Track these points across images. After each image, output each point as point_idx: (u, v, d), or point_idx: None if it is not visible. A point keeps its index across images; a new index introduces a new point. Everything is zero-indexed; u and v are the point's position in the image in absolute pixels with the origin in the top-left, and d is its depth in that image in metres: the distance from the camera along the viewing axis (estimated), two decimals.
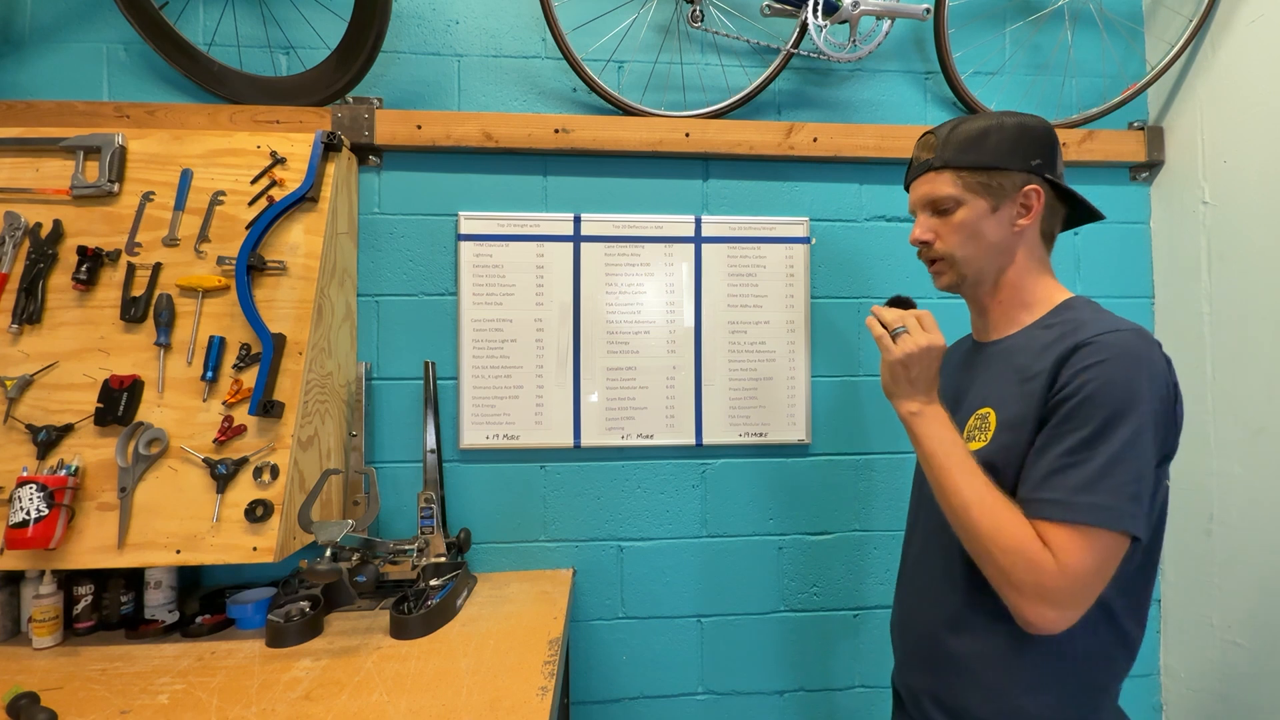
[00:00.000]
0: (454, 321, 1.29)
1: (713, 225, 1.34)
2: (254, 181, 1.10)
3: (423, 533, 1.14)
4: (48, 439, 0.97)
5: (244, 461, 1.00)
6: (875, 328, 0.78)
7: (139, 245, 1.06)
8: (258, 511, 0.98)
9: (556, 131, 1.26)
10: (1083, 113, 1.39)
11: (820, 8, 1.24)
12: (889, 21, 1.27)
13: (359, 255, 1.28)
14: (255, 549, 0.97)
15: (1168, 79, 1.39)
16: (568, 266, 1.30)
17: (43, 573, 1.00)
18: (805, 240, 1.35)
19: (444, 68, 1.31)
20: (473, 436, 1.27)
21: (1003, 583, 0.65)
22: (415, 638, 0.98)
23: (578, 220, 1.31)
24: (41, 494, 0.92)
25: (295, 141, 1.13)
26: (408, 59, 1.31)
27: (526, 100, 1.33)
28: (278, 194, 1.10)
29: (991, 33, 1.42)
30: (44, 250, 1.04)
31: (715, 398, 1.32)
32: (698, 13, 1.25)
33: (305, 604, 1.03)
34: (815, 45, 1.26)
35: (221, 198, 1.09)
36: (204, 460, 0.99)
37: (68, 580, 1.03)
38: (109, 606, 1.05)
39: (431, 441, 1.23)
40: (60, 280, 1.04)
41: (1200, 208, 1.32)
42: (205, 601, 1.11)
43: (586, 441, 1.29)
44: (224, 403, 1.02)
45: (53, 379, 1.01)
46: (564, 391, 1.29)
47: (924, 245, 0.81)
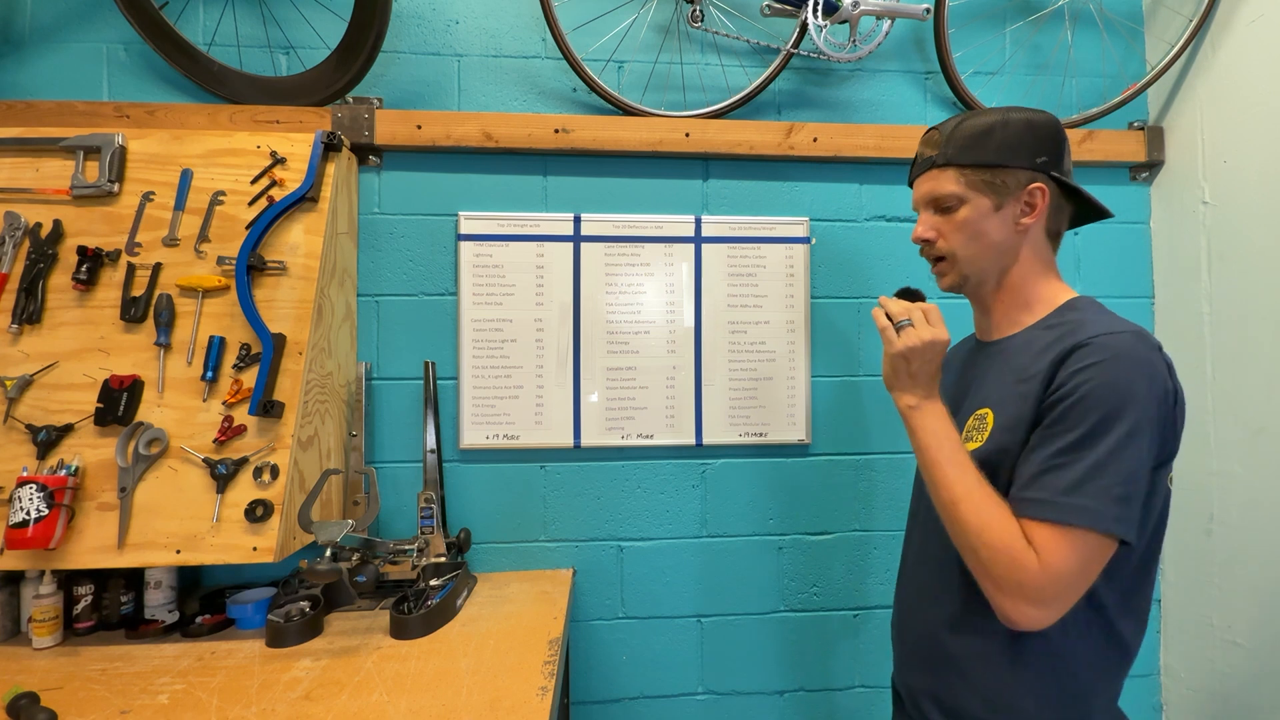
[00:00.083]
0: (454, 321, 1.29)
1: (713, 225, 1.34)
2: (254, 181, 1.10)
3: (423, 533, 1.14)
4: (48, 439, 0.98)
5: (244, 461, 1.00)
6: (880, 319, 0.78)
7: (139, 245, 1.06)
8: (258, 511, 0.98)
9: (556, 131, 1.26)
10: (1083, 113, 1.39)
11: (820, 8, 1.24)
12: (889, 21, 1.27)
13: (359, 255, 1.28)
14: (255, 549, 0.97)
15: (1168, 79, 1.39)
16: (568, 266, 1.30)
17: (43, 573, 1.00)
18: (805, 240, 1.35)
19: (444, 68, 1.31)
20: (473, 436, 1.27)
21: (985, 578, 0.66)
22: (415, 638, 0.98)
23: (578, 220, 1.31)
24: (41, 494, 0.92)
25: (295, 141, 1.13)
26: (408, 59, 1.31)
27: (526, 100, 1.33)
28: (278, 194, 1.10)
29: (991, 33, 1.42)
30: (44, 250, 1.04)
31: (715, 398, 1.32)
32: (698, 13, 1.25)
33: (305, 604, 1.03)
34: (815, 45, 1.26)
35: (221, 198, 1.09)
36: (204, 460, 0.99)
37: (68, 580, 1.03)
38: (109, 606, 1.05)
39: (431, 441, 1.23)
40: (60, 280, 1.04)
41: (1200, 208, 1.32)
42: (205, 601, 1.11)
43: (586, 441, 1.29)
44: (224, 403, 1.02)
45: (53, 379, 1.01)
46: (564, 391, 1.29)
47: (926, 243, 0.80)
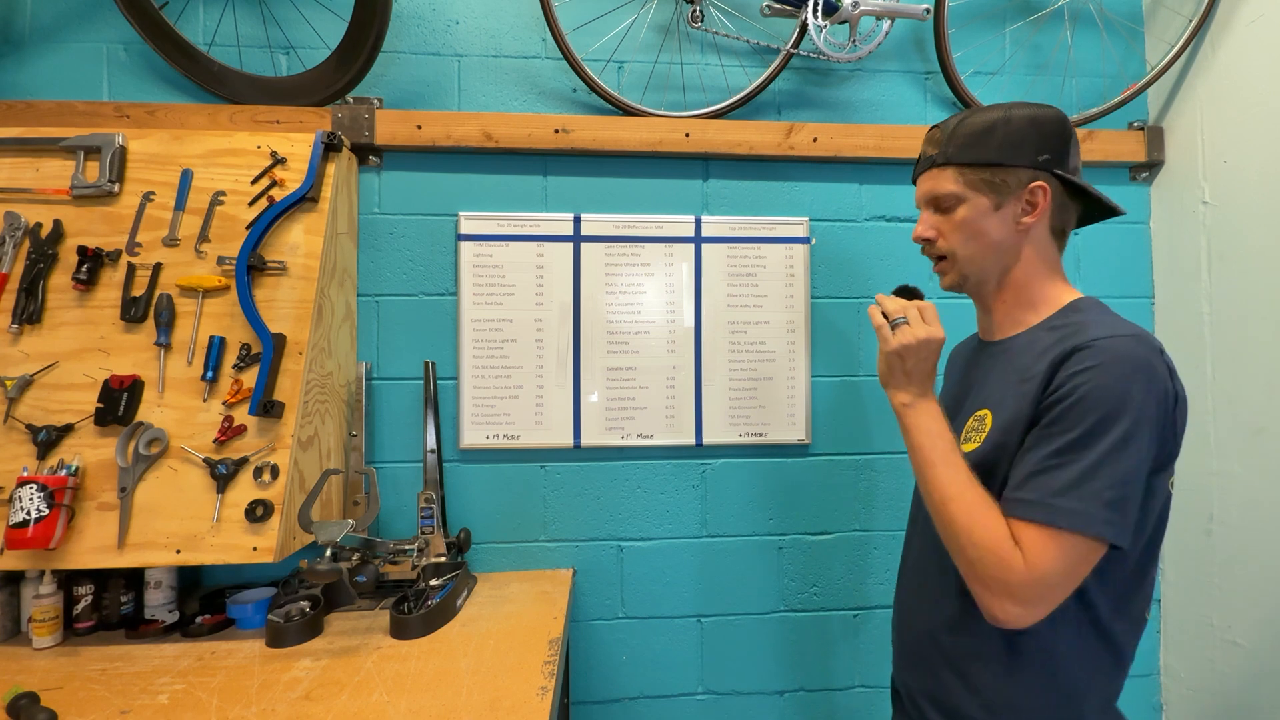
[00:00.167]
0: (454, 321, 1.29)
1: (713, 225, 1.34)
2: (254, 181, 1.10)
3: (423, 533, 1.14)
4: (48, 439, 0.97)
5: (244, 461, 1.00)
6: (876, 317, 0.79)
7: (139, 245, 1.06)
8: (258, 511, 0.98)
9: (556, 131, 1.26)
10: (1083, 113, 1.39)
11: (820, 8, 1.24)
12: (889, 21, 1.27)
13: (359, 255, 1.28)
14: (255, 549, 0.97)
15: (1168, 79, 1.39)
16: (568, 266, 1.30)
17: (43, 573, 1.00)
18: (805, 240, 1.35)
19: (444, 68, 1.31)
20: (473, 436, 1.27)
21: (971, 576, 0.66)
22: (415, 638, 0.98)
23: (578, 220, 1.31)
24: (42, 494, 0.92)
25: (295, 141, 1.13)
26: (408, 59, 1.31)
27: (526, 100, 1.33)
28: (278, 194, 1.10)
29: (991, 33, 1.42)
30: (44, 250, 1.04)
31: (715, 398, 1.32)
32: (698, 13, 1.25)
33: (305, 604, 1.03)
34: (815, 45, 1.26)
35: (222, 198, 1.09)
36: (204, 460, 0.99)
37: (68, 580, 1.03)
38: (109, 606, 1.05)
39: (431, 441, 1.23)
40: (60, 280, 1.04)
41: (1200, 208, 1.32)
42: (205, 601, 1.11)
43: (586, 441, 1.29)
44: (224, 403, 1.02)
45: (53, 379, 1.01)
46: (564, 391, 1.29)
47: (926, 243, 0.80)
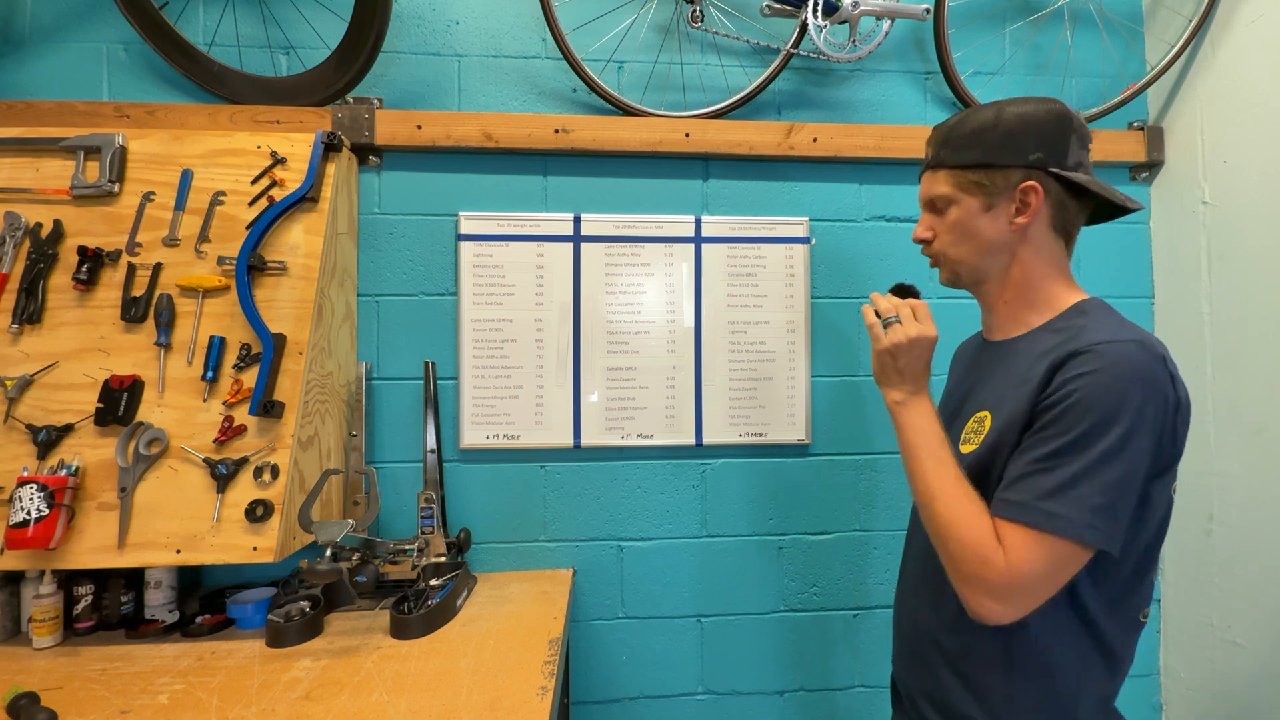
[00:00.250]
0: (454, 321, 1.29)
1: (713, 225, 1.34)
2: (254, 181, 1.10)
3: (423, 533, 1.14)
4: (48, 439, 0.97)
5: (244, 461, 1.00)
6: (868, 315, 0.80)
7: (139, 245, 1.06)
8: (258, 511, 0.98)
9: (556, 131, 1.26)
10: (1083, 113, 1.39)
11: (820, 8, 1.24)
12: (889, 22, 1.27)
13: (359, 255, 1.28)
14: (255, 549, 0.97)
15: (1168, 79, 1.39)
16: (568, 266, 1.30)
17: (43, 573, 1.00)
18: (805, 240, 1.35)
19: (444, 68, 1.31)
20: (473, 436, 1.27)
21: (952, 570, 0.67)
22: (415, 638, 0.98)
23: (578, 220, 1.31)
24: (42, 494, 0.92)
25: (295, 141, 1.13)
26: (408, 59, 1.31)
27: (526, 100, 1.33)
28: (278, 194, 1.10)
29: (991, 33, 1.42)
30: (44, 250, 1.04)
31: (715, 398, 1.32)
32: (698, 13, 1.25)
33: (305, 604, 1.03)
34: (815, 45, 1.26)
35: (222, 198, 1.09)
36: (204, 460, 0.99)
37: (68, 580, 1.03)
38: (109, 606, 1.05)
39: (431, 441, 1.23)
40: (60, 280, 1.04)
41: (1200, 208, 1.32)
42: (205, 601, 1.11)
43: (586, 441, 1.29)
44: (224, 403, 1.02)
45: (53, 379, 1.01)
46: (564, 391, 1.29)
47: (925, 243, 0.81)
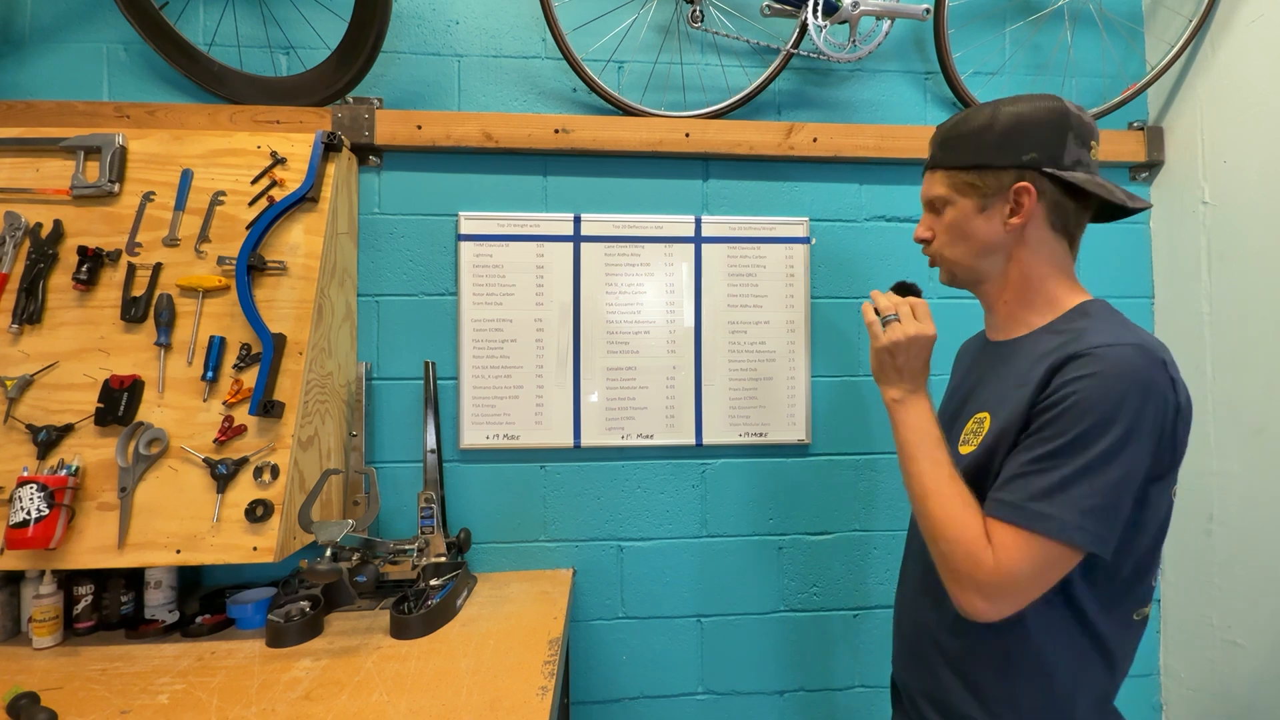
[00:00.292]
0: (454, 321, 1.29)
1: (713, 225, 1.34)
2: (254, 181, 1.10)
3: (423, 533, 1.14)
4: (48, 439, 0.97)
5: (244, 461, 1.00)
6: (867, 313, 0.81)
7: (139, 245, 1.06)
8: (258, 511, 0.98)
9: (556, 131, 1.26)
10: None
11: (820, 8, 1.24)
12: (889, 22, 1.27)
13: (359, 255, 1.28)
14: (255, 549, 0.97)
15: (1168, 79, 1.39)
16: (568, 266, 1.30)
17: (43, 573, 1.00)
18: (805, 240, 1.35)
19: (444, 68, 1.31)
20: (473, 436, 1.27)
21: (942, 567, 0.68)
22: (415, 638, 0.98)
23: (578, 220, 1.31)
24: (42, 494, 0.92)
25: (295, 141, 1.13)
26: (408, 59, 1.31)
27: (526, 100, 1.33)
28: (278, 194, 1.10)
29: (991, 33, 1.42)
30: (44, 250, 1.04)
31: (715, 398, 1.32)
32: (698, 13, 1.25)
33: (305, 604, 1.03)
34: (815, 45, 1.26)
35: (222, 198, 1.09)
36: (204, 460, 0.99)
37: (68, 580, 1.03)
38: (109, 606, 1.05)
39: (431, 441, 1.23)
40: (60, 280, 1.04)
41: (1200, 208, 1.32)
42: (205, 601, 1.11)
43: (586, 441, 1.29)
44: (224, 403, 1.02)
45: (53, 379, 1.01)
46: (564, 391, 1.29)
47: (924, 242, 0.82)
